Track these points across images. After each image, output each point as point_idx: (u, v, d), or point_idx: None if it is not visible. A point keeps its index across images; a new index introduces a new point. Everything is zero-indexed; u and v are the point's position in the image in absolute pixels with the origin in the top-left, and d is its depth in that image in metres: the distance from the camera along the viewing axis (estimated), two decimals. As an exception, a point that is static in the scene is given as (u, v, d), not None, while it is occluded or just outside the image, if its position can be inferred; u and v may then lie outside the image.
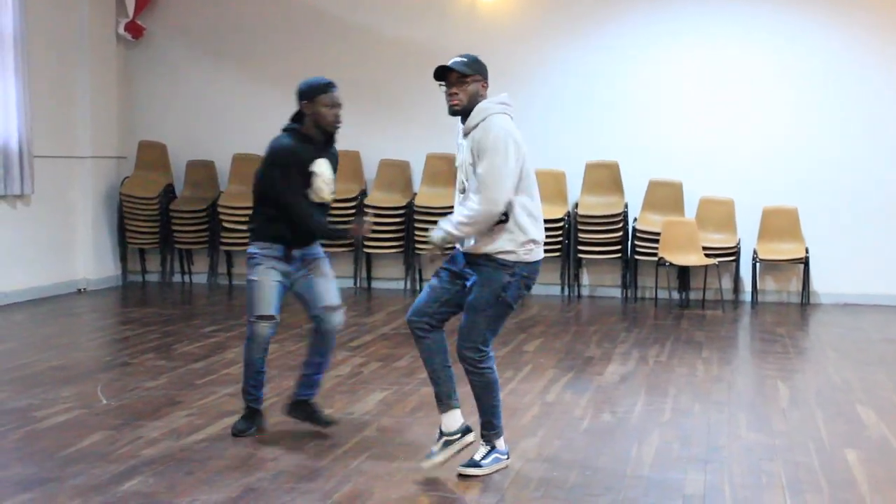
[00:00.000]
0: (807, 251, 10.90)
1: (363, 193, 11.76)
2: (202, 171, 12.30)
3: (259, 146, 11.81)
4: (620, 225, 11.10)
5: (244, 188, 11.99)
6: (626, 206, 11.21)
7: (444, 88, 5.09)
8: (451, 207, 11.69)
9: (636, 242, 11.09)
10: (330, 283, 5.86)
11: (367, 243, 11.56)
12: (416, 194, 11.65)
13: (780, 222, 11.06)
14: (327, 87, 5.78)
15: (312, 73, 11.82)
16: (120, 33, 12.13)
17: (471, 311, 5.05)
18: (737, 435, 5.95)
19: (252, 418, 5.87)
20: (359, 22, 11.96)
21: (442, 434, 5.14)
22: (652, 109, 11.37)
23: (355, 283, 11.91)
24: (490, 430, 5.18)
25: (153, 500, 4.69)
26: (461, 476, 5.03)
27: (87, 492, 4.78)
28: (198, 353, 8.08)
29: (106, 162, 12.05)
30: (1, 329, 9.28)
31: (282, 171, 5.69)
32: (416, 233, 11.45)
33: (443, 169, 11.60)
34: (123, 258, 12.29)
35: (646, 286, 11.32)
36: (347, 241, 11.48)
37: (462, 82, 5.02)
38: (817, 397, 6.91)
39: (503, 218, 4.94)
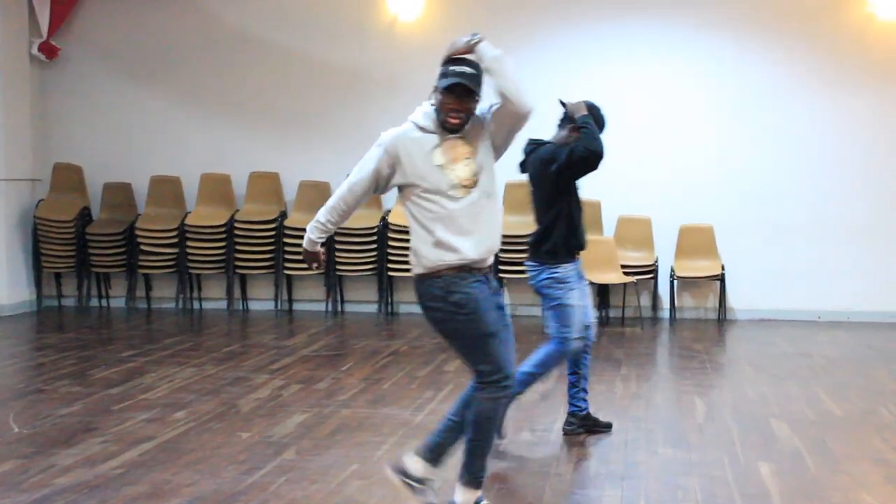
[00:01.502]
0: (723, 268, 11.08)
1: (283, 215, 11.72)
2: (119, 193, 12.15)
3: (177, 168, 12.00)
4: (541, 244, 11.18)
5: (162, 210, 11.93)
6: (545, 225, 11.30)
7: (443, 98, 4.60)
8: (370, 229, 11.63)
9: (556, 261, 11.17)
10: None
11: (287, 264, 11.53)
12: (336, 215, 11.60)
13: (696, 240, 11.23)
14: None
15: (233, 93, 12.00)
16: (34, 54, 11.96)
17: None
18: (653, 451, 6.02)
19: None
20: (278, 42, 11.93)
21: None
22: (570, 129, 11.47)
23: (276, 305, 11.85)
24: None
25: (66, 529, 4.63)
26: None
27: (-3, 522, 4.70)
28: (114, 378, 7.96)
29: (20, 185, 11.86)
30: (-89, 357, 9.09)
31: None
32: (338, 254, 11.43)
33: (363, 190, 11.61)
34: (38, 282, 12.08)
35: (566, 304, 11.39)
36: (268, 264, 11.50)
37: (470, 100, 4.61)
38: (733, 412, 7.01)
39: None
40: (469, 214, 4.56)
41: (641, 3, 11.37)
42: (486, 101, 4.70)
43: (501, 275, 11.28)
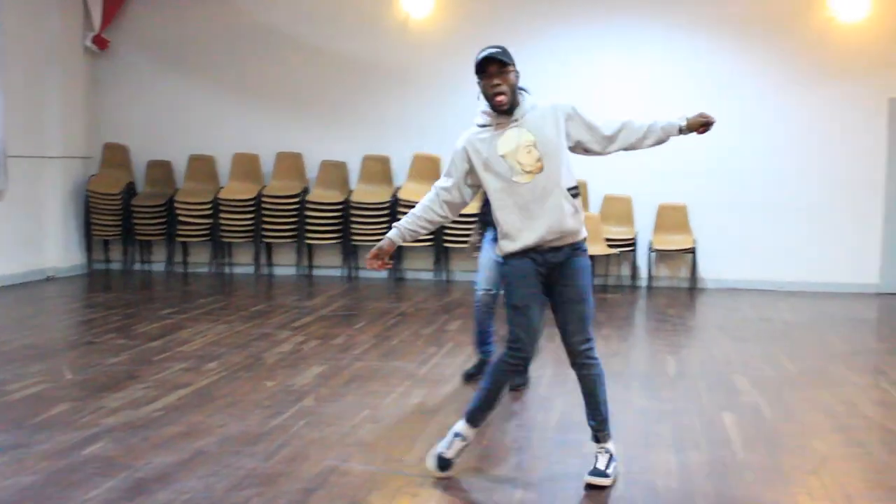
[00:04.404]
0: (694, 242, 11.09)
1: (305, 191, 11.73)
2: (161, 170, 12.16)
3: (211, 148, 12.03)
4: (533, 219, 11.19)
5: (198, 185, 11.96)
6: (538, 202, 11.30)
7: (483, 81, 4.35)
8: (382, 203, 11.66)
9: (547, 234, 11.17)
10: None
11: (308, 234, 11.55)
12: (352, 191, 11.63)
13: (671, 217, 11.24)
14: None
15: (262, 81, 11.99)
16: (87, 45, 11.94)
17: (584, 302, 4.43)
18: (630, 401, 6.05)
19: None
20: (303, 37, 11.90)
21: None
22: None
23: (298, 271, 11.88)
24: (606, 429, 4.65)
25: (112, 462, 4.65)
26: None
27: (52, 456, 4.73)
28: (155, 332, 7.99)
29: (74, 161, 11.86)
30: (-24, 312, 9.13)
31: None
32: (353, 226, 11.45)
33: (377, 168, 11.63)
34: (89, 248, 12.11)
35: (555, 273, 11.40)
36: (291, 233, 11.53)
37: (504, 73, 4.34)
38: (700, 369, 7.04)
39: (577, 192, 4.42)
40: (534, 199, 4.32)
41: (628, 5, 11.33)
42: (558, 101, 4.50)
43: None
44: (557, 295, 4.43)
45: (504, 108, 4.34)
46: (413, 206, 4.77)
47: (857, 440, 5.27)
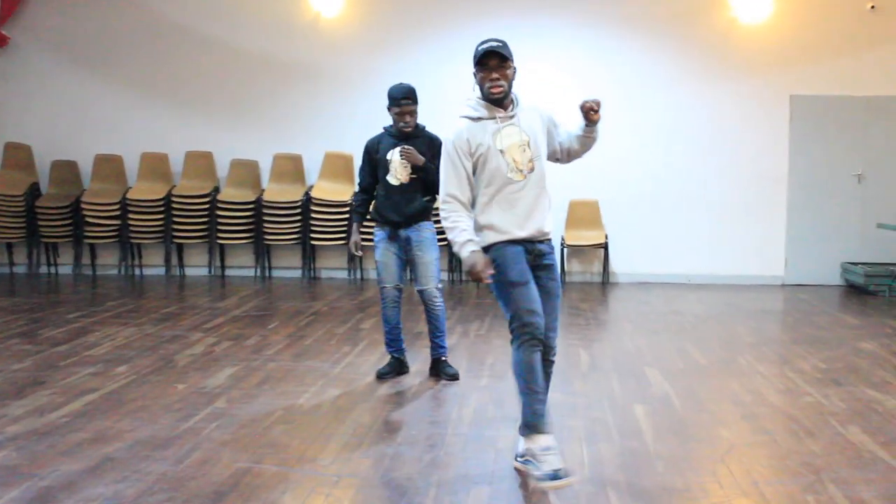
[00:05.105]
0: (606, 238, 11.24)
1: (216, 190, 11.57)
2: (66, 170, 11.87)
3: (119, 147, 11.80)
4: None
5: (105, 186, 11.71)
6: (451, 199, 11.33)
7: (481, 73, 4.47)
8: (295, 202, 11.56)
9: (461, 231, 11.21)
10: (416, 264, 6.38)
11: (220, 234, 11.40)
12: (264, 190, 11.51)
13: (583, 213, 11.37)
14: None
15: (170, 79, 11.79)
16: (-16, 42, 11.64)
17: (559, 297, 4.63)
18: (543, 396, 6.08)
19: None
20: (213, 34, 11.73)
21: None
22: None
23: (210, 271, 11.71)
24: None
25: (16, 472, 4.51)
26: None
27: (-48, 466, 4.58)
28: (61, 337, 7.80)
29: (-27, 162, 11.53)
30: None
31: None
32: (265, 225, 11.33)
33: (289, 167, 11.53)
34: (-9, 252, 11.80)
35: (470, 270, 11.44)
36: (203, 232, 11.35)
37: (504, 67, 4.46)
38: (613, 362, 7.12)
39: None
40: (524, 197, 4.44)
41: (536, 3, 11.42)
42: (540, 106, 4.68)
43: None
44: (538, 288, 4.47)
45: (498, 97, 4.42)
46: (326, 205, 4.73)
47: (764, 427, 5.39)
